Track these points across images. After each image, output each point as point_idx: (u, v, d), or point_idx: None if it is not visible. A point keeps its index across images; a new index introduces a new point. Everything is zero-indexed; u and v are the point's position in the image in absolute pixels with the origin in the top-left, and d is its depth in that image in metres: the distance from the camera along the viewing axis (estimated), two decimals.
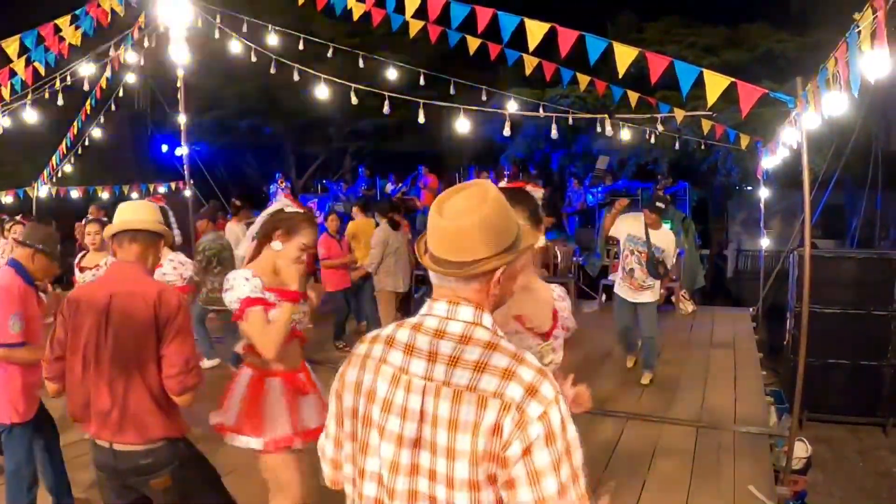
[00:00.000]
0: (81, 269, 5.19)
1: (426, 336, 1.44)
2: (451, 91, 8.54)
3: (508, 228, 1.45)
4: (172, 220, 4.46)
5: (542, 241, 2.22)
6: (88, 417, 2.45)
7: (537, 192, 2.20)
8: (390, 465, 1.42)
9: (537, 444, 1.30)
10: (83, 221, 9.18)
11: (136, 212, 2.62)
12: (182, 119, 8.08)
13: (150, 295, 2.42)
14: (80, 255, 5.64)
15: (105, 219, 8.73)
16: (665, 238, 6.29)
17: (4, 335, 3.17)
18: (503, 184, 12.68)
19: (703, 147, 10.87)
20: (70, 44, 7.60)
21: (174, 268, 4.42)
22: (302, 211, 2.90)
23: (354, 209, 8.51)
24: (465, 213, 1.40)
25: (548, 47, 5.43)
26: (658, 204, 6.33)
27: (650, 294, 6.38)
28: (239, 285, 2.68)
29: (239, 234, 8.84)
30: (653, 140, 10.13)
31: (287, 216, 2.84)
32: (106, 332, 2.39)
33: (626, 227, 6.31)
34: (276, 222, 2.82)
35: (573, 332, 2.33)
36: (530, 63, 6.99)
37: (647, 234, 6.23)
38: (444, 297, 1.46)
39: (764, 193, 9.92)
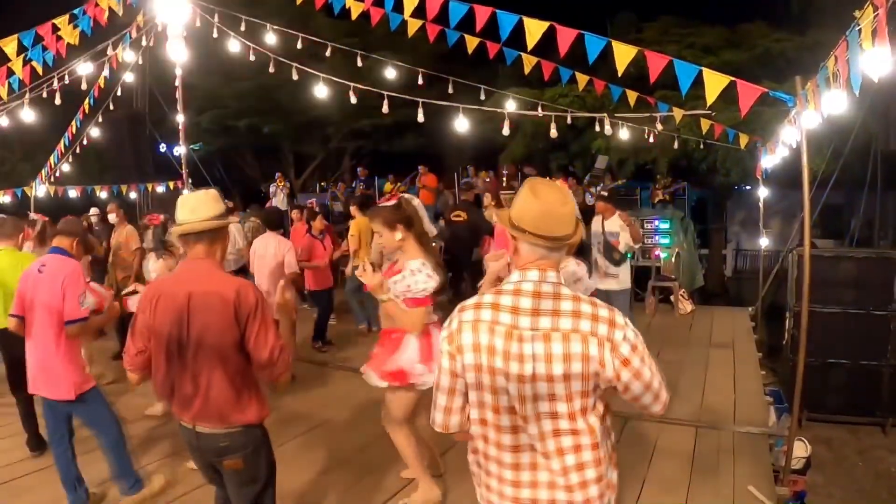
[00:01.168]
0: None
1: (527, 298, 1.91)
2: (450, 90, 8.52)
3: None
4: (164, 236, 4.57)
5: None
6: (173, 400, 2.66)
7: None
8: (518, 398, 1.90)
9: (629, 356, 1.88)
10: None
11: (195, 211, 2.63)
12: (180, 119, 8.05)
13: (228, 293, 2.53)
14: None
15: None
16: (617, 223, 7.01)
17: (77, 312, 3.71)
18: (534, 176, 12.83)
19: (702, 147, 10.85)
20: (68, 43, 7.57)
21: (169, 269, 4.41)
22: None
23: (353, 208, 8.49)
24: (562, 202, 1.93)
25: (546, 46, 5.41)
26: (602, 193, 7.68)
27: (615, 282, 6.92)
28: (425, 280, 3.46)
29: (234, 233, 8.84)
30: (652, 140, 10.11)
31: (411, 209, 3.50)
32: (188, 329, 2.54)
33: (593, 225, 7.16)
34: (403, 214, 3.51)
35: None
36: (529, 62, 6.98)
37: (602, 226, 7.05)
38: (535, 266, 1.94)
39: (763, 193, 9.92)
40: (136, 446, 4.87)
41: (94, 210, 10.31)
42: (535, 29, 5.17)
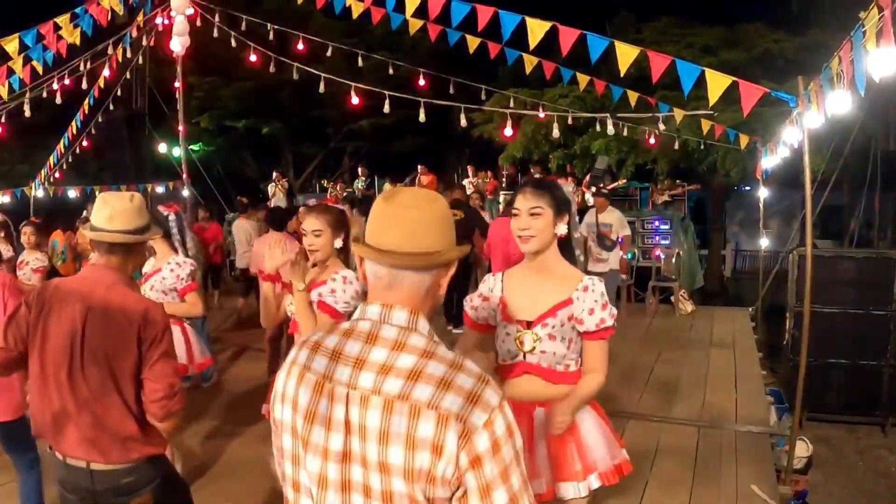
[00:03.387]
0: None
1: (357, 342, 1.31)
2: (451, 90, 8.53)
3: (453, 230, 1.39)
4: (177, 228, 4.20)
5: (562, 229, 2.30)
6: (55, 433, 2.26)
7: (567, 186, 2.42)
8: (318, 480, 1.30)
9: (484, 455, 1.19)
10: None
11: (112, 220, 2.31)
12: (180, 114, 8.06)
13: (134, 311, 2.22)
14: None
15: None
16: (610, 216, 8.03)
17: None
18: (537, 175, 12.78)
19: (702, 147, 10.87)
20: (69, 43, 7.56)
21: (171, 270, 4.03)
22: None
23: (346, 208, 8.45)
24: (415, 206, 1.34)
25: (547, 47, 5.42)
26: (601, 189, 8.66)
27: (605, 265, 7.87)
28: (352, 296, 2.87)
29: (250, 230, 8.83)
30: (652, 140, 10.13)
31: None
32: (83, 343, 2.20)
33: (587, 218, 8.01)
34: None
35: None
36: (530, 62, 6.98)
37: (596, 218, 7.93)
38: (383, 300, 1.34)
39: (763, 193, 9.93)
40: None
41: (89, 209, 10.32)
42: (537, 29, 5.16)
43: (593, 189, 8.51)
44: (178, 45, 7.41)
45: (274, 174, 16.07)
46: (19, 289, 3.36)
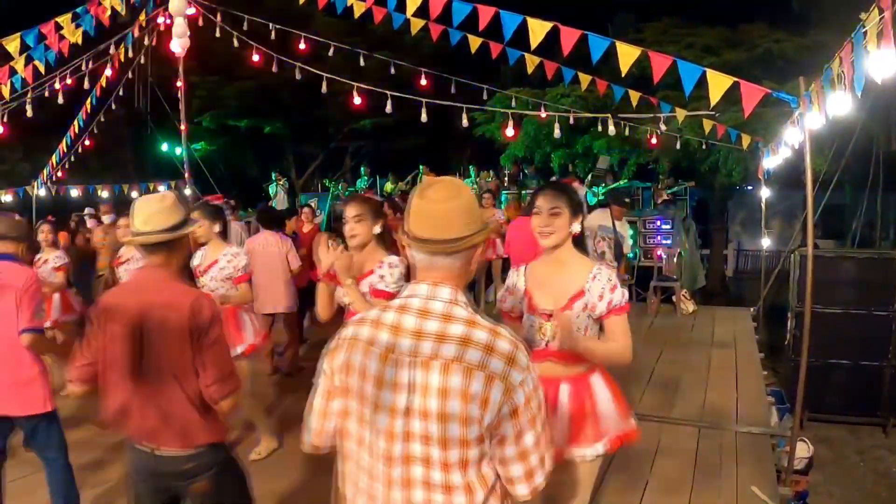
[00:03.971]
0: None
1: (412, 315, 1.60)
2: (452, 90, 8.54)
3: (480, 214, 1.68)
4: (227, 218, 4.41)
5: (576, 227, 2.62)
6: (125, 423, 2.45)
7: (581, 190, 2.62)
8: (387, 434, 1.58)
9: (522, 408, 1.55)
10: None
11: (148, 222, 2.44)
12: (182, 114, 8.07)
13: (182, 305, 2.37)
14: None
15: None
16: (624, 227, 7.74)
17: (31, 322, 3.34)
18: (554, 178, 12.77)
19: (703, 147, 10.86)
20: (70, 42, 7.58)
21: (228, 261, 4.32)
22: None
23: None
24: (445, 199, 1.61)
25: (549, 47, 5.42)
26: (626, 200, 8.08)
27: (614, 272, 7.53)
28: (399, 277, 3.08)
29: (240, 231, 8.83)
30: (654, 140, 10.12)
31: None
32: (141, 343, 2.37)
33: (597, 220, 7.53)
34: None
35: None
36: (532, 62, 6.99)
37: (613, 224, 7.42)
38: (428, 279, 1.64)
39: (765, 194, 9.92)
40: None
41: (88, 210, 10.34)
42: (538, 29, 5.17)
43: (627, 200, 8.09)
44: (178, 46, 7.43)
45: (274, 175, 16.08)
46: (42, 292, 3.56)
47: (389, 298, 2.99)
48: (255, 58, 8.83)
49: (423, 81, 8.38)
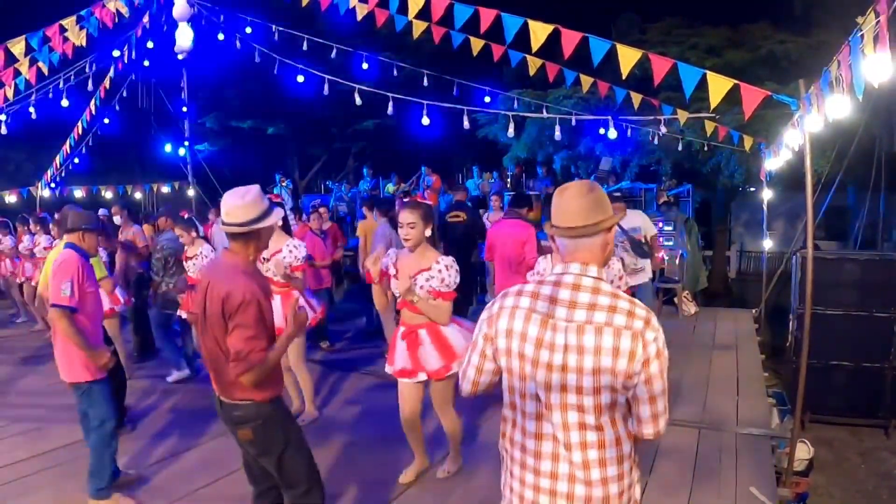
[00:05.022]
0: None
1: (566, 289, 1.97)
2: (455, 92, 8.55)
3: (609, 205, 2.04)
4: (285, 213, 4.84)
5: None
6: (208, 369, 2.94)
7: None
8: (545, 385, 1.96)
9: (653, 359, 1.92)
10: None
11: (229, 214, 2.78)
12: (185, 108, 8.09)
13: (222, 290, 2.71)
14: None
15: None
16: (633, 219, 6.90)
17: (57, 297, 3.79)
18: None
19: (706, 148, 10.86)
20: (74, 44, 7.62)
21: (290, 251, 4.93)
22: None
23: (364, 209, 8.46)
24: (579, 195, 1.99)
25: (550, 49, 5.43)
26: (614, 194, 7.56)
27: (643, 275, 6.89)
28: (455, 275, 3.80)
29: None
30: (656, 141, 10.13)
31: None
32: (204, 311, 2.81)
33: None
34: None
35: None
36: (534, 64, 7.00)
37: (619, 225, 6.63)
38: (577, 260, 2.00)
39: (767, 195, 9.91)
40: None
41: (102, 211, 10.37)
42: (539, 31, 5.19)
43: (616, 194, 7.55)
44: (181, 49, 7.46)
45: (278, 177, 16.09)
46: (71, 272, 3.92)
47: (449, 297, 3.83)
48: (258, 59, 8.86)
49: (426, 82, 8.40)
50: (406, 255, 3.92)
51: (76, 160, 12.48)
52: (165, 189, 14.52)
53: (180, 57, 7.66)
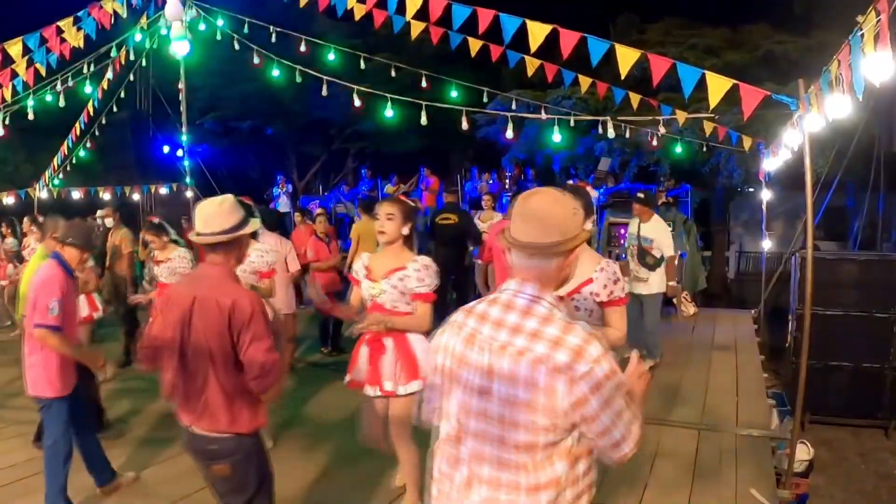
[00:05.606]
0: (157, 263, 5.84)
1: (498, 307, 1.79)
2: (453, 93, 8.53)
3: (577, 222, 1.80)
4: (280, 215, 4.76)
5: (588, 226, 2.72)
6: (174, 398, 2.71)
7: (593, 193, 2.80)
8: (463, 408, 1.79)
9: (589, 396, 1.63)
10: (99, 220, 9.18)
11: (207, 223, 2.64)
12: (183, 115, 8.08)
13: (224, 303, 2.54)
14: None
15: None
16: (654, 228, 6.75)
17: (44, 317, 3.64)
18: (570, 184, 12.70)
19: (704, 149, 10.85)
20: (72, 46, 7.59)
21: (259, 256, 4.71)
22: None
23: (359, 210, 8.41)
24: (546, 208, 1.76)
25: (549, 49, 5.41)
26: (639, 195, 7.05)
27: (644, 286, 6.76)
28: (434, 275, 3.50)
29: None
30: (655, 142, 10.11)
31: None
32: (189, 331, 2.59)
33: (630, 227, 7.07)
34: None
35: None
36: (532, 64, 6.98)
37: (638, 227, 6.82)
38: (520, 277, 1.79)
39: (766, 195, 9.90)
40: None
41: (100, 212, 10.34)
42: (538, 31, 5.17)
43: (640, 195, 7.02)
44: (178, 49, 7.44)
45: (279, 179, 16.07)
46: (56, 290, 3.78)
47: (429, 299, 3.51)
48: (256, 60, 8.84)
49: (424, 83, 8.38)
50: (379, 255, 3.64)
51: (73, 161, 12.43)
52: (164, 190, 14.49)
53: (177, 57, 7.63)
